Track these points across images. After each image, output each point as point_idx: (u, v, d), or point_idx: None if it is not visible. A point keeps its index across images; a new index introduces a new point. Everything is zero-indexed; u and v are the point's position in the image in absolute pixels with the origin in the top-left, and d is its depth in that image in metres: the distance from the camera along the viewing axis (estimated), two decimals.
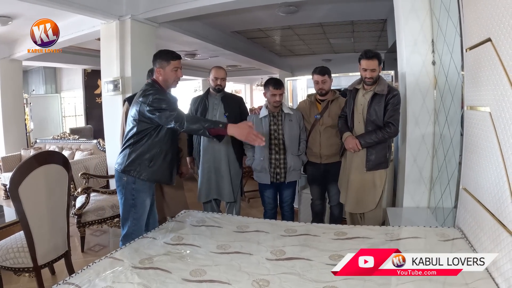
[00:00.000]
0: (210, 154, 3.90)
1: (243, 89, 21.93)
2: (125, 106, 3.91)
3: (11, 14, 5.60)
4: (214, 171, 3.92)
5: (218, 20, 6.88)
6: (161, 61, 2.88)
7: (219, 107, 3.91)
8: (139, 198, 2.89)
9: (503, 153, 1.85)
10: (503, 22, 1.79)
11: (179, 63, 2.95)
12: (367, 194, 3.39)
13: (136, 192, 2.87)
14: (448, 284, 1.88)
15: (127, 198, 2.89)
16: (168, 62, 2.89)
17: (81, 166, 6.01)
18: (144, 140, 2.83)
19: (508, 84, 1.76)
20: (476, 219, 2.27)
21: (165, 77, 2.90)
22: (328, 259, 2.25)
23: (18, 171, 2.71)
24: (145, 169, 2.84)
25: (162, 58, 2.89)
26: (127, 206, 2.91)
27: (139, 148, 2.83)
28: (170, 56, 2.90)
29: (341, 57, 11.25)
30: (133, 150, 2.84)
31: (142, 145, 2.83)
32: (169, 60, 2.89)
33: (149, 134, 2.83)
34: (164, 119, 2.70)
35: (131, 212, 2.91)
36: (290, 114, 3.74)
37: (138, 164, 2.82)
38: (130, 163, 2.83)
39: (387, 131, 3.21)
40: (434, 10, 3.38)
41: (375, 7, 6.38)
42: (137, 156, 2.82)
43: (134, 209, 2.90)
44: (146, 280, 2.03)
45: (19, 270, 2.90)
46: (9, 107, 7.58)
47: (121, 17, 5.15)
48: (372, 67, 3.22)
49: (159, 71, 2.89)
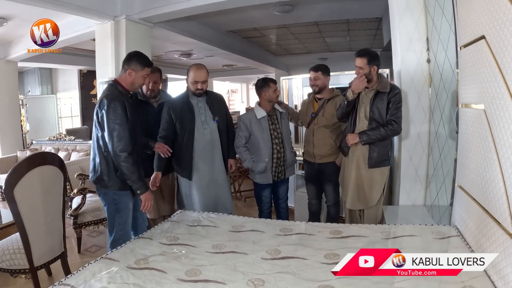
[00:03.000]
0: (206, 163, 3.53)
1: (239, 89, 21.95)
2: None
3: (6, 16, 5.59)
4: (211, 184, 3.57)
5: (213, 19, 6.88)
6: (137, 64, 2.88)
7: (206, 111, 3.53)
8: (121, 202, 2.92)
9: (497, 150, 1.85)
10: (497, 20, 1.79)
11: (148, 72, 3.00)
12: (368, 191, 3.40)
13: (118, 197, 2.91)
14: (444, 283, 1.88)
15: (110, 204, 2.92)
16: (143, 68, 2.91)
17: (77, 167, 6.00)
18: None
19: (502, 81, 1.76)
20: (471, 217, 2.28)
21: (134, 81, 2.91)
22: (324, 258, 2.25)
23: (13, 172, 2.70)
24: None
25: (138, 62, 2.89)
26: (112, 212, 2.94)
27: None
28: (145, 63, 2.93)
29: (337, 56, 11.25)
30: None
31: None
32: (144, 66, 2.91)
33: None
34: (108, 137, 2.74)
35: (116, 217, 2.94)
36: (283, 112, 3.79)
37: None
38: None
39: (390, 129, 3.22)
40: (429, 8, 3.39)
41: (370, 6, 6.39)
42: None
43: (118, 214, 2.93)
44: (142, 281, 2.03)
45: (15, 271, 2.90)
46: (5, 108, 7.56)
47: (116, 18, 5.14)
48: (360, 65, 3.24)
49: (131, 73, 2.89)
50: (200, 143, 3.48)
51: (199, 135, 3.47)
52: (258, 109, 3.68)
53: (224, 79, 18.14)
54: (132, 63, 2.88)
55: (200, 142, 3.48)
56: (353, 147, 3.39)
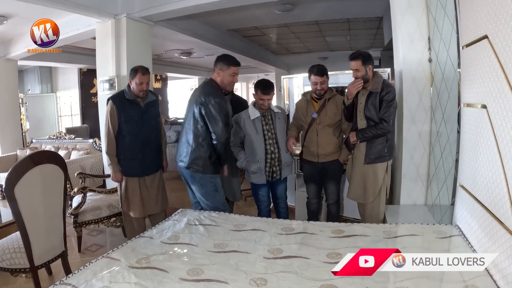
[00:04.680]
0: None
1: (239, 88, 21.92)
2: (109, 105, 3.74)
3: (6, 14, 5.57)
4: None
5: (214, 18, 6.87)
6: (222, 64, 3.34)
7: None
8: (217, 183, 3.48)
9: (500, 150, 1.85)
10: (500, 19, 1.79)
11: (238, 70, 3.42)
12: (367, 186, 3.43)
13: (214, 179, 3.46)
14: (446, 282, 1.88)
15: (206, 185, 3.45)
16: (228, 67, 3.35)
17: (77, 165, 6.00)
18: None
19: (505, 81, 1.76)
20: (473, 216, 2.27)
21: (223, 79, 3.37)
22: (326, 257, 2.25)
23: (14, 171, 2.69)
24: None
25: (224, 62, 3.35)
26: (211, 192, 3.47)
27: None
28: (231, 62, 3.38)
29: (337, 55, 11.24)
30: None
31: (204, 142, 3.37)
32: (229, 65, 3.35)
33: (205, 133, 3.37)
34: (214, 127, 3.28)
35: (215, 196, 3.49)
36: (278, 112, 3.76)
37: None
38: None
39: (379, 127, 3.27)
40: (431, 7, 3.38)
41: (371, 5, 6.38)
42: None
43: (217, 193, 3.49)
44: (143, 280, 2.02)
45: (15, 270, 2.89)
46: (5, 107, 7.53)
47: (117, 16, 5.13)
48: (355, 67, 3.30)
49: (219, 72, 3.36)
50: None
51: None
52: (252, 109, 3.66)
53: None
54: (218, 63, 3.36)
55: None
56: (357, 144, 3.44)
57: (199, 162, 3.38)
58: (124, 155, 3.77)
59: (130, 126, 3.73)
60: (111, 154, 3.75)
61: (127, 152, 3.77)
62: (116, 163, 3.77)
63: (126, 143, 3.75)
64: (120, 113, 3.69)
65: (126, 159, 3.78)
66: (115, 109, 3.68)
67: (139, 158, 3.78)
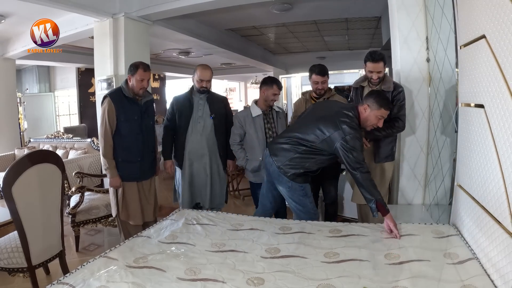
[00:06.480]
0: (196, 155, 3.82)
1: (237, 87, 21.93)
2: (106, 103, 3.45)
3: (3, 13, 5.56)
4: (202, 175, 3.86)
5: (212, 18, 6.87)
6: (373, 103, 2.85)
7: (205, 108, 3.82)
8: (307, 189, 3.15)
9: (497, 149, 1.85)
10: (498, 19, 1.79)
11: (385, 113, 2.93)
12: None
13: (304, 187, 3.13)
14: (443, 281, 1.88)
15: (298, 192, 3.11)
16: (379, 108, 2.86)
17: (75, 165, 5.99)
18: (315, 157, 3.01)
19: (502, 80, 1.76)
20: (471, 216, 2.27)
21: (367, 118, 2.90)
22: (323, 257, 2.25)
23: (11, 170, 2.68)
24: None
25: (375, 101, 2.85)
26: (302, 198, 3.14)
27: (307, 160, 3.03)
28: (382, 104, 2.86)
29: (335, 55, 11.24)
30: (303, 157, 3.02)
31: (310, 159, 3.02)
32: (380, 107, 2.85)
33: (320, 155, 2.99)
34: (351, 163, 2.76)
35: (306, 200, 3.14)
36: (279, 111, 3.81)
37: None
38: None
39: (395, 126, 3.28)
40: (429, 7, 3.39)
41: (369, 5, 6.39)
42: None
43: (307, 198, 3.15)
44: (141, 279, 2.02)
45: (13, 270, 2.88)
46: (3, 106, 7.51)
47: (115, 15, 5.12)
48: (378, 70, 3.27)
49: (366, 108, 2.88)
50: (193, 136, 3.82)
51: (193, 128, 3.81)
52: (254, 107, 3.68)
53: (223, 78, 18.12)
54: (369, 99, 2.87)
55: (193, 135, 3.82)
56: None
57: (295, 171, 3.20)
58: (123, 158, 3.53)
59: (130, 125, 3.50)
60: (108, 156, 3.48)
61: (125, 154, 3.53)
62: (114, 166, 3.50)
63: (125, 145, 3.51)
64: (120, 112, 3.45)
65: (125, 162, 3.53)
66: (114, 107, 3.43)
67: (138, 160, 3.57)
